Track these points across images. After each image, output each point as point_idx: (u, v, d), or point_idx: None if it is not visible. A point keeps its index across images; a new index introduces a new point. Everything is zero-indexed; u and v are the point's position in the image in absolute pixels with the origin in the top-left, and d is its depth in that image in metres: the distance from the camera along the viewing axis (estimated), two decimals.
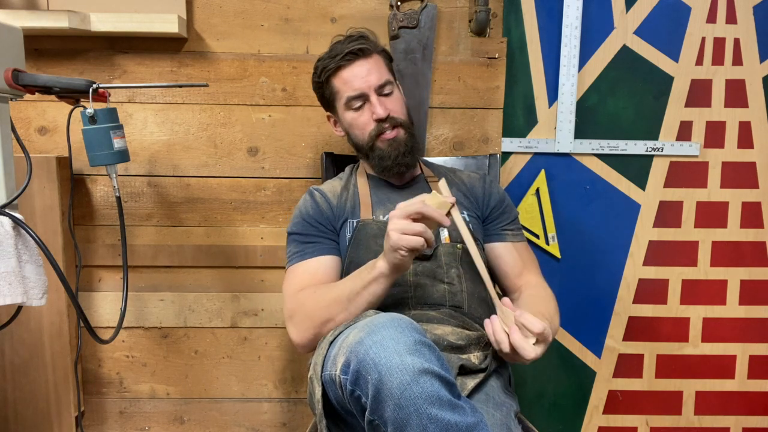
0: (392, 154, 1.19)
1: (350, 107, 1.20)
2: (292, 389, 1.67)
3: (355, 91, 1.18)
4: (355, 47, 1.17)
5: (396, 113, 1.19)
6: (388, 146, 1.19)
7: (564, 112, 1.58)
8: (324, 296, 1.07)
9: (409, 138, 1.21)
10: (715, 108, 1.61)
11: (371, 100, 1.17)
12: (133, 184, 1.57)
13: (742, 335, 1.69)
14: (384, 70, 1.20)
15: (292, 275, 1.16)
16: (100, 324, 1.61)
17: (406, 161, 1.20)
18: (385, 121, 1.18)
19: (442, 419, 0.75)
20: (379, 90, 1.18)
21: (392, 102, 1.20)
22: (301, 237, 1.19)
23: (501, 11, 1.56)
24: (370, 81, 1.17)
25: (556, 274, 1.64)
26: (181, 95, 1.55)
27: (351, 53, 1.17)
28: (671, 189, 1.64)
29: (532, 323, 0.92)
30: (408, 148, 1.20)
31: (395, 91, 1.21)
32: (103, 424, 1.65)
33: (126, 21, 1.42)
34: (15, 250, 0.93)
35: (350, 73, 1.18)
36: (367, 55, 1.18)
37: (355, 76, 1.17)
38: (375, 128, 1.18)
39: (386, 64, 1.23)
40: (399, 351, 0.78)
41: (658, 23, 1.57)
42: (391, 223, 0.95)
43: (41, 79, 1.02)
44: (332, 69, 1.19)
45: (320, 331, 1.05)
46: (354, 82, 1.17)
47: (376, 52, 1.20)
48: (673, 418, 1.72)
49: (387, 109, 1.18)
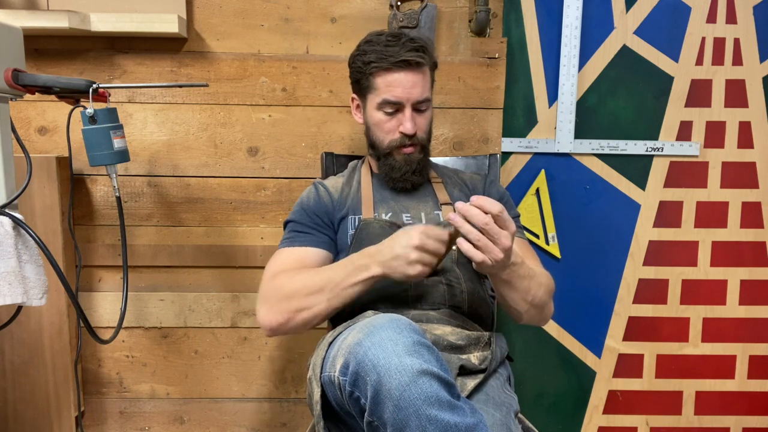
0: (403, 168, 1.20)
1: (382, 109, 1.18)
2: (292, 389, 1.67)
3: (394, 98, 1.15)
4: (414, 58, 1.13)
5: (422, 132, 1.20)
6: (402, 160, 1.20)
7: (564, 112, 1.58)
8: (304, 283, 1.06)
9: (423, 157, 1.22)
10: (715, 108, 1.61)
11: (405, 112, 1.17)
12: (133, 184, 1.57)
13: (742, 335, 1.69)
14: (428, 86, 1.19)
15: (276, 257, 1.16)
16: (100, 324, 1.61)
17: (413, 179, 1.22)
18: (410, 138, 1.18)
19: (442, 420, 0.75)
20: (416, 105, 1.17)
21: (423, 120, 1.20)
22: (297, 225, 1.20)
23: (501, 11, 1.56)
24: (412, 95, 1.15)
25: (556, 274, 1.63)
26: (181, 95, 1.55)
27: (406, 62, 1.14)
28: (671, 189, 1.64)
29: (489, 201, 0.90)
30: (419, 167, 1.21)
31: (429, 111, 1.21)
32: (103, 424, 1.65)
33: (126, 21, 1.42)
34: (15, 250, 0.93)
35: (396, 79, 1.15)
36: (420, 67, 1.16)
37: (401, 84, 1.15)
38: (398, 140, 1.19)
39: (431, 78, 1.21)
40: (398, 352, 0.78)
41: (658, 23, 1.57)
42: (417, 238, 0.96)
43: (41, 79, 1.02)
44: (381, 67, 1.15)
45: (293, 317, 1.05)
46: (396, 89, 1.15)
47: (427, 66, 1.18)
48: (673, 418, 1.72)
49: (416, 126, 1.18)
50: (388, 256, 0.98)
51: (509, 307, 1.08)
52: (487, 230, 0.90)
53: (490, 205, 0.91)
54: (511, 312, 1.10)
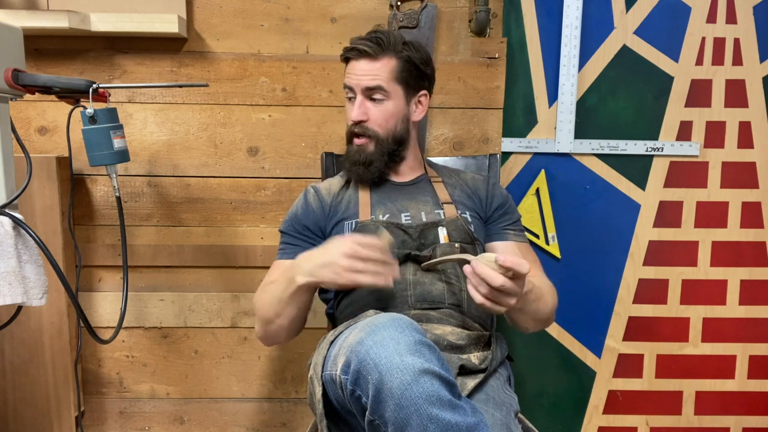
0: (353, 158, 1.21)
1: (346, 95, 1.22)
2: (292, 389, 1.67)
3: (347, 84, 1.20)
4: (361, 46, 1.17)
5: (373, 124, 1.19)
6: (354, 150, 1.22)
7: (564, 112, 1.58)
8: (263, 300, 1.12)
9: (377, 153, 1.20)
10: (715, 108, 1.61)
11: (356, 100, 1.19)
12: (133, 184, 1.57)
13: (742, 335, 1.69)
14: (385, 78, 1.17)
15: (270, 270, 1.22)
16: (100, 324, 1.60)
17: (360, 172, 1.21)
18: (356, 125, 1.20)
19: (443, 419, 0.75)
20: (367, 92, 1.18)
21: (377, 111, 1.19)
22: (287, 237, 1.24)
23: (501, 11, 1.56)
24: (362, 81, 1.17)
25: (556, 274, 1.64)
26: (181, 95, 1.55)
27: (356, 50, 1.18)
28: (671, 189, 1.64)
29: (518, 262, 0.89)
30: (368, 162, 1.20)
31: (387, 103, 1.19)
32: (103, 424, 1.65)
33: (126, 21, 1.41)
34: (15, 250, 0.93)
35: (351, 67, 1.20)
36: (372, 56, 1.17)
37: (353, 71, 1.19)
38: (349, 127, 1.22)
39: (396, 73, 1.18)
40: (399, 351, 0.78)
41: (658, 23, 1.57)
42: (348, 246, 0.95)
43: (41, 79, 1.02)
44: (345, 57, 1.21)
45: (267, 329, 1.13)
46: (350, 75, 1.19)
47: (387, 57, 1.17)
48: (673, 418, 1.72)
49: (363, 114, 1.18)
50: (318, 263, 0.99)
51: (516, 324, 1.13)
52: (491, 298, 0.91)
53: (492, 279, 0.89)
54: (517, 327, 1.15)
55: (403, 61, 1.18)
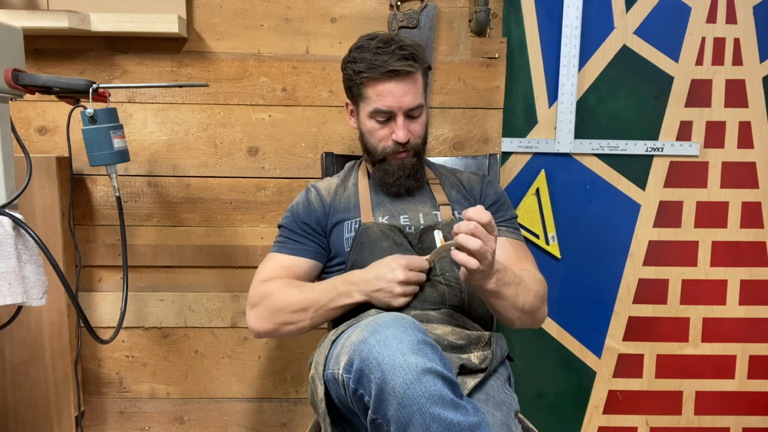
0: (397, 173, 1.19)
1: (374, 117, 1.16)
2: (292, 389, 1.67)
3: (386, 108, 1.14)
4: (404, 68, 1.10)
5: (415, 138, 1.19)
6: (396, 165, 1.19)
7: (564, 112, 1.58)
8: (291, 300, 1.12)
9: (417, 162, 1.21)
10: (715, 108, 1.61)
11: (397, 121, 1.15)
12: (133, 184, 1.57)
13: (742, 335, 1.69)
14: (420, 92, 1.16)
15: (267, 262, 1.21)
16: (100, 324, 1.60)
17: (407, 184, 1.21)
18: (404, 145, 1.17)
19: (445, 418, 0.75)
20: (408, 112, 1.16)
21: (416, 126, 1.18)
22: (287, 231, 1.23)
23: (501, 11, 1.56)
24: (404, 103, 1.13)
25: (556, 274, 1.64)
26: (181, 95, 1.55)
27: (396, 72, 1.11)
28: (671, 189, 1.64)
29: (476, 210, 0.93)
30: (413, 172, 1.20)
31: (423, 115, 1.19)
32: (103, 424, 1.65)
33: (126, 21, 1.41)
34: (15, 250, 0.93)
35: (386, 89, 1.12)
36: (410, 75, 1.13)
37: (391, 94, 1.12)
38: (392, 147, 1.18)
39: (423, 82, 1.17)
40: (402, 350, 0.78)
41: (658, 23, 1.57)
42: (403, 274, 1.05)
43: (41, 79, 1.02)
44: (371, 77, 1.12)
45: (279, 328, 1.14)
46: (387, 98, 1.13)
47: (419, 72, 1.15)
48: (673, 418, 1.72)
49: (409, 133, 1.17)
50: (374, 287, 1.06)
51: (500, 315, 1.09)
52: (477, 234, 0.92)
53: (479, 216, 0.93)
54: (502, 320, 1.11)
55: (425, 69, 1.19)
